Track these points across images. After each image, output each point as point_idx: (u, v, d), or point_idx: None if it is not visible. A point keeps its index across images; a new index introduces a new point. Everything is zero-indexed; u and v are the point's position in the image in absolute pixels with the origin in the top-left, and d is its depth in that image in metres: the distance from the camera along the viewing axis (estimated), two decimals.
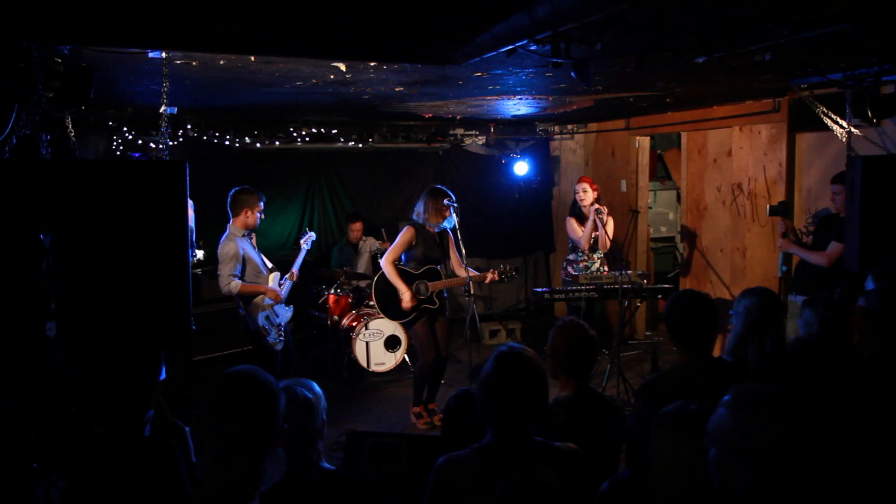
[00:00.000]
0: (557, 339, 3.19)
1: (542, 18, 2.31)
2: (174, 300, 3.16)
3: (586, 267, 6.38)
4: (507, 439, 2.37)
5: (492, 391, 2.38)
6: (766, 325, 3.36)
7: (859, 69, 4.92)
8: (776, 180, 6.45)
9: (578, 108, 7.51)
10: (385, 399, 6.81)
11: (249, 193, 5.58)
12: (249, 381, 1.91)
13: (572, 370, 3.17)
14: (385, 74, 4.80)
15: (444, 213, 5.75)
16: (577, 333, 3.18)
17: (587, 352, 3.18)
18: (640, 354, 8.03)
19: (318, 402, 2.48)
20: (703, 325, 3.08)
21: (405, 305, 5.68)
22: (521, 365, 2.41)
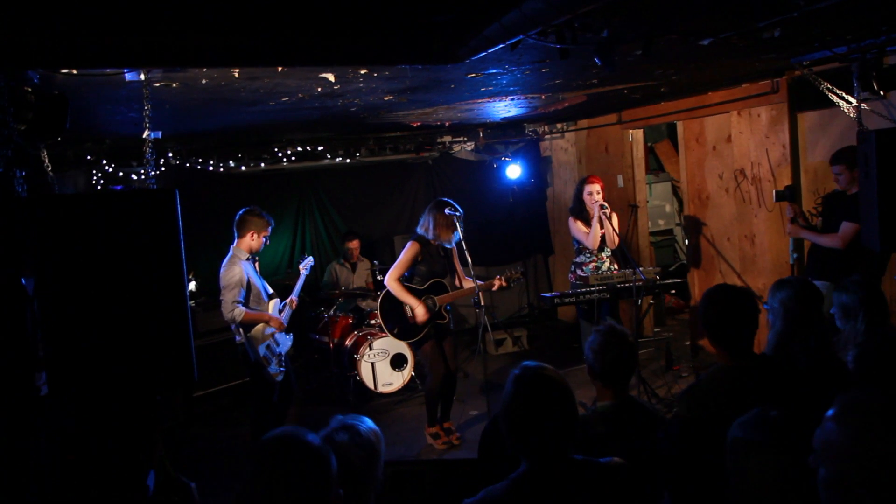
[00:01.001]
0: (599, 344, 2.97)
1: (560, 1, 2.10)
2: (174, 339, 2.92)
3: (597, 267, 6.13)
4: (544, 466, 2.14)
5: (516, 420, 2.16)
6: (807, 320, 3.15)
7: (865, 41, 4.74)
8: (780, 163, 6.26)
9: (570, 106, 7.32)
10: (397, 421, 6.55)
11: (259, 216, 5.35)
12: (294, 448, 1.67)
13: (610, 378, 2.95)
14: (375, 83, 4.58)
15: (452, 227, 5.52)
16: (616, 340, 2.96)
17: (626, 358, 2.96)
18: (652, 352, 7.82)
19: (378, 442, 2.24)
20: (744, 321, 2.86)
21: (420, 319, 5.44)
22: (543, 386, 2.19)
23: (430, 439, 5.76)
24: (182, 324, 2.91)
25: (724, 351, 2.88)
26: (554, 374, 2.24)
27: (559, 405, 2.18)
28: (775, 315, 3.26)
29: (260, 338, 5.21)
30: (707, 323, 2.93)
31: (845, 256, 5.15)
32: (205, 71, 3.57)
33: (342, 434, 2.17)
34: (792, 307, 3.19)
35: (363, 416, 2.29)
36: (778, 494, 1.66)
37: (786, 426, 1.76)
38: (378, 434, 2.26)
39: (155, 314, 2.85)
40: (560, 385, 2.21)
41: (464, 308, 8.84)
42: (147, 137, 3.11)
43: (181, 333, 2.93)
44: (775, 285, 3.28)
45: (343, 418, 2.23)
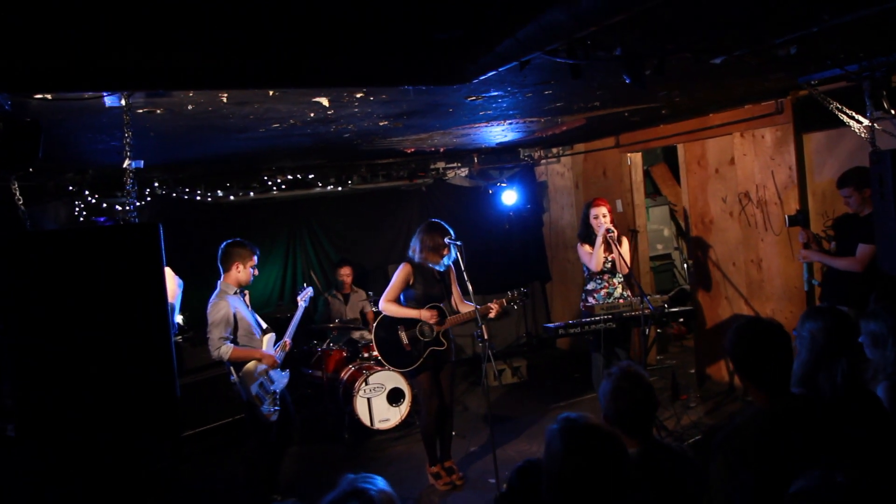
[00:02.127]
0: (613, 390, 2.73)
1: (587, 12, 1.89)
2: (157, 384, 2.66)
3: (609, 294, 5.86)
4: None
5: (571, 484, 1.91)
6: (835, 353, 2.92)
7: (878, 57, 4.59)
8: (787, 185, 6.09)
9: (567, 129, 7.14)
10: (396, 459, 6.25)
11: (241, 246, 5.08)
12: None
13: (629, 426, 2.71)
14: (370, 107, 4.37)
15: (441, 252, 5.29)
16: (629, 384, 2.72)
17: (643, 402, 2.72)
18: (656, 381, 7.58)
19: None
20: (779, 356, 2.63)
21: (430, 321, 5.20)
22: (598, 440, 1.95)
23: (432, 479, 5.48)
24: (166, 368, 2.66)
25: (759, 391, 2.65)
26: (605, 427, 2.01)
27: (614, 470, 1.95)
28: (801, 344, 3.04)
29: (252, 375, 4.93)
30: (740, 361, 2.69)
31: (863, 280, 4.95)
32: (191, 96, 3.35)
33: (353, 502, 1.92)
34: (819, 338, 2.97)
35: (375, 477, 2.03)
36: None
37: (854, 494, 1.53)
38: (393, 498, 2.00)
39: (137, 359, 2.59)
40: (615, 444, 1.99)
41: (461, 337, 8.57)
42: (128, 167, 2.88)
43: (165, 378, 2.67)
44: (807, 314, 3.06)
45: (354, 479, 1.97)
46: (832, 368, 2.93)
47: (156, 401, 2.66)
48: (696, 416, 6.39)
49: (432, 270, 5.37)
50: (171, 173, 7.35)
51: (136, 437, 2.70)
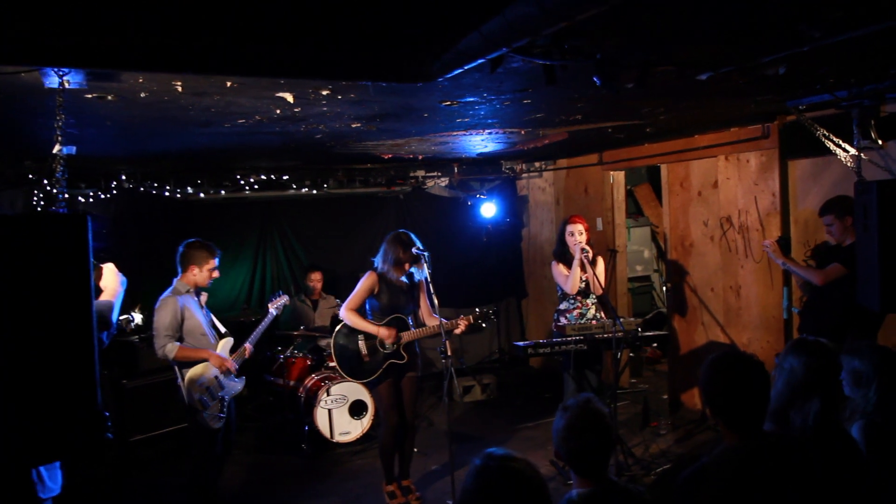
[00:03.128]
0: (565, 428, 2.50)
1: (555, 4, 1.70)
2: (76, 393, 2.43)
3: (581, 314, 5.65)
4: None
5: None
6: (812, 391, 2.75)
7: (867, 85, 4.45)
8: (770, 211, 5.94)
9: (550, 143, 6.97)
10: (353, 475, 6.00)
11: (200, 248, 4.81)
12: None
13: (579, 467, 2.48)
14: (339, 107, 4.16)
15: (403, 266, 5.07)
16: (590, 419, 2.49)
17: (598, 446, 2.47)
18: (628, 405, 7.40)
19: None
20: (754, 395, 2.44)
21: (388, 342, 4.97)
22: (510, 483, 1.75)
23: (387, 498, 5.24)
24: (86, 375, 2.43)
25: (730, 429, 2.45)
26: (524, 467, 1.80)
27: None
28: (780, 375, 2.87)
29: (200, 379, 4.68)
30: (712, 397, 2.49)
31: (842, 312, 4.80)
32: (141, 82, 3.14)
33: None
34: (799, 373, 2.79)
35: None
36: None
37: None
38: None
39: (51, 361, 2.36)
40: (531, 482, 1.77)
41: (431, 351, 8.35)
42: (58, 153, 2.65)
43: (85, 387, 2.44)
44: (791, 347, 2.89)
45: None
46: (806, 406, 2.76)
47: (73, 407, 2.43)
48: (665, 444, 6.20)
49: (400, 281, 5.16)
50: (139, 167, 7.10)
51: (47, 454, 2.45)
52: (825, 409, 2.74)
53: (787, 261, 5.15)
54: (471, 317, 5.18)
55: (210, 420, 4.65)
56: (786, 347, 2.95)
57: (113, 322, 3.09)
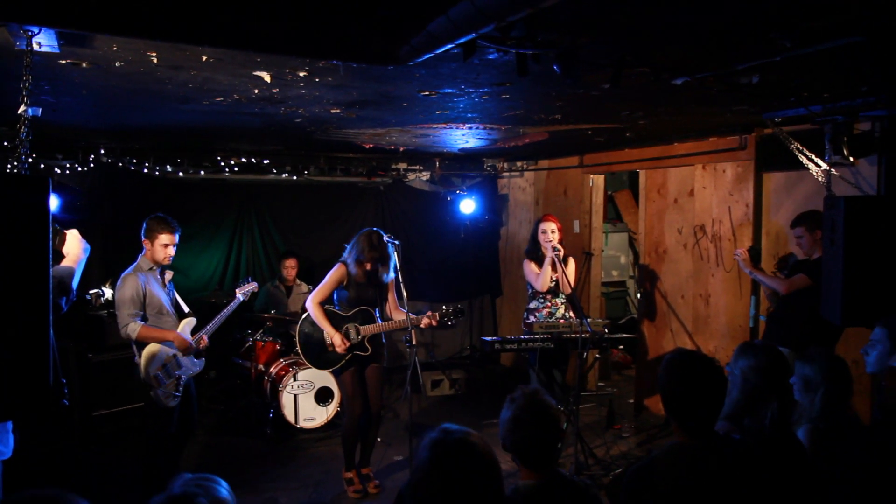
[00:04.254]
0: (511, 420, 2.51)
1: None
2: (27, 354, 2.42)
3: (550, 313, 5.70)
4: None
5: (427, 496, 1.71)
6: (768, 394, 2.79)
7: (841, 101, 4.52)
8: (742, 222, 6.00)
9: (531, 143, 7.00)
10: (314, 461, 6.00)
11: (156, 221, 4.77)
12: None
13: (525, 458, 2.49)
14: (317, 90, 4.17)
15: (365, 266, 5.08)
16: (535, 411, 2.50)
17: (544, 438, 2.48)
18: (593, 408, 7.45)
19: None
20: (708, 395, 2.46)
21: (338, 350, 4.98)
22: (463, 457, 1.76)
23: (345, 485, 5.25)
24: (39, 338, 2.42)
25: (681, 428, 2.48)
26: (479, 442, 1.81)
27: (481, 483, 1.75)
28: (733, 383, 2.90)
29: (156, 356, 4.65)
30: (667, 394, 2.52)
31: (807, 324, 4.87)
32: (115, 50, 3.12)
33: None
34: (752, 378, 2.84)
35: (217, 481, 1.82)
36: None
37: None
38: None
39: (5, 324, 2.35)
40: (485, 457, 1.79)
41: (400, 343, 8.36)
42: (23, 113, 2.64)
43: (38, 350, 2.43)
44: (740, 350, 2.93)
45: (188, 481, 1.75)
46: (762, 410, 2.80)
47: (25, 371, 2.42)
48: (627, 446, 6.25)
49: (362, 278, 5.17)
50: (118, 142, 7.05)
51: None
52: (781, 411, 2.79)
53: (754, 270, 5.23)
54: (437, 314, 5.20)
55: (164, 398, 4.62)
56: (734, 353, 2.99)
57: (73, 288, 3.08)
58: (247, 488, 5.38)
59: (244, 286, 5.59)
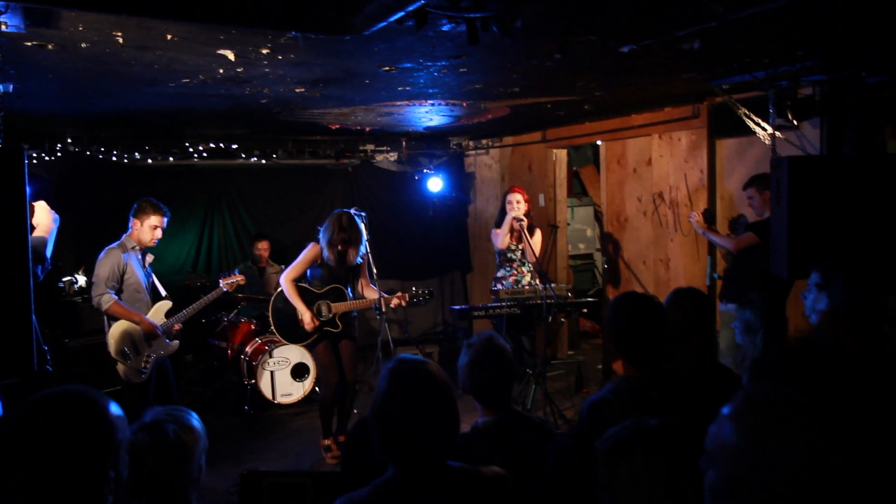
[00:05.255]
0: (469, 364, 2.72)
1: None
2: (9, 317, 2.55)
3: (517, 281, 5.95)
4: (415, 471, 1.89)
5: (388, 419, 1.89)
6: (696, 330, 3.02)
7: (781, 67, 4.75)
8: (698, 188, 6.25)
9: (494, 119, 7.18)
10: (293, 433, 6.18)
11: (146, 204, 4.99)
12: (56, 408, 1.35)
13: (484, 397, 2.70)
14: (281, 69, 4.30)
15: (336, 248, 5.22)
16: (490, 353, 2.70)
17: (500, 375, 2.69)
18: (563, 374, 7.69)
19: (195, 442, 1.93)
20: (651, 330, 2.68)
21: (306, 328, 5.15)
22: (420, 381, 1.93)
23: (323, 452, 5.44)
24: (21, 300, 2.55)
25: (629, 361, 2.71)
26: (435, 369, 1.99)
27: (437, 404, 1.92)
28: None
29: (125, 331, 4.78)
30: (613, 331, 2.74)
31: (759, 281, 5.12)
32: (81, 30, 3.24)
33: (142, 435, 1.87)
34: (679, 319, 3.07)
35: (188, 411, 2.00)
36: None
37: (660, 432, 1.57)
38: (197, 432, 1.96)
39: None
40: (440, 382, 1.96)
41: (374, 321, 8.54)
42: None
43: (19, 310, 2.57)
44: (671, 296, 3.16)
45: (158, 412, 1.93)
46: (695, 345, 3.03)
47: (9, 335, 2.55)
48: None
49: (333, 259, 5.32)
50: (85, 130, 7.12)
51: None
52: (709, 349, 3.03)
53: (707, 230, 5.48)
54: (407, 295, 5.39)
55: (130, 374, 4.75)
56: (666, 300, 3.21)
57: (47, 257, 3.21)
58: (228, 461, 5.53)
59: (229, 277, 5.72)
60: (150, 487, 1.84)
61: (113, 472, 1.36)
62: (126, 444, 1.41)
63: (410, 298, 5.37)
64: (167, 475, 1.83)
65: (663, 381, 2.61)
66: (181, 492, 1.88)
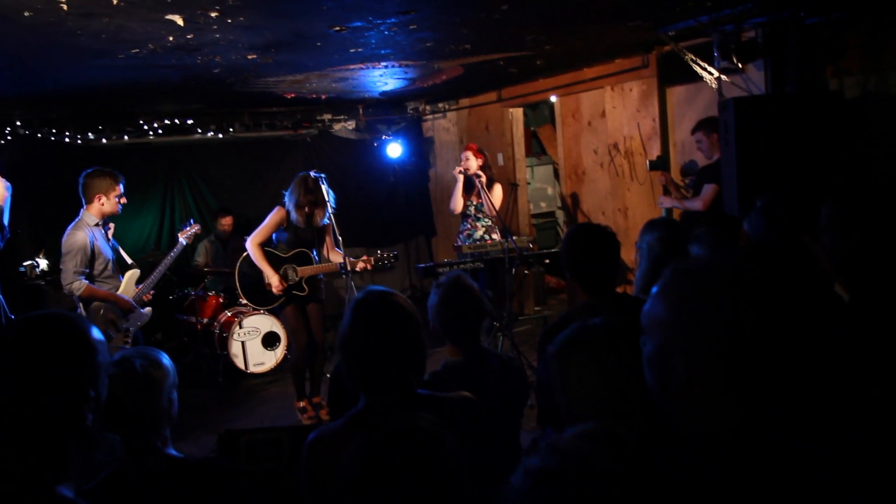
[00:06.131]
0: (438, 302, 2.81)
1: None
2: None
3: (469, 235, 6.09)
4: (384, 400, 1.97)
5: (355, 348, 1.97)
6: (667, 261, 3.14)
7: (725, 9, 4.86)
8: (651, 136, 6.39)
9: (448, 80, 7.22)
10: (267, 400, 6.26)
11: (103, 176, 4.85)
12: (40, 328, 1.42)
13: (455, 335, 2.80)
14: (231, 33, 4.30)
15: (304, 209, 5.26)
16: (459, 292, 2.80)
17: (470, 312, 2.79)
18: (531, 329, 7.84)
19: (163, 377, 2.01)
20: (605, 258, 2.81)
21: (274, 290, 5.20)
22: (385, 309, 2.01)
23: (298, 413, 5.53)
24: None
25: (584, 288, 2.83)
26: (401, 299, 2.07)
27: (403, 332, 2.00)
28: (641, 255, 3.26)
29: (100, 314, 4.79)
30: (569, 261, 2.86)
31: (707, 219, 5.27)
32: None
33: (112, 369, 1.95)
34: (656, 248, 3.19)
35: (158, 350, 2.08)
36: (603, 395, 1.56)
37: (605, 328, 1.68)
38: (165, 367, 2.03)
39: None
40: (406, 311, 2.04)
41: (342, 290, 8.60)
42: None
43: None
44: (645, 227, 3.29)
45: (128, 350, 2.01)
46: None
47: None
48: None
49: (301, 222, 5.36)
50: (35, 111, 7.02)
51: None
52: None
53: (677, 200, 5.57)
54: (372, 259, 5.47)
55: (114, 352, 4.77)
56: (640, 231, 3.34)
57: (4, 225, 3.22)
58: (204, 430, 5.59)
59: (186, 230, 5.68)
60: (120, 418, 1.92)
61: (93, 392, 1.42)
62: (106, 367, 1.47)
63: (376, 262, 5.45)
64: (136, 406, 1.91)
65: (617, 306, 2.73)
66: (151, 423, 1.96)
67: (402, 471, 1.35)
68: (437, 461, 1.38)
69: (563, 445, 0.94)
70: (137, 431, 1.94)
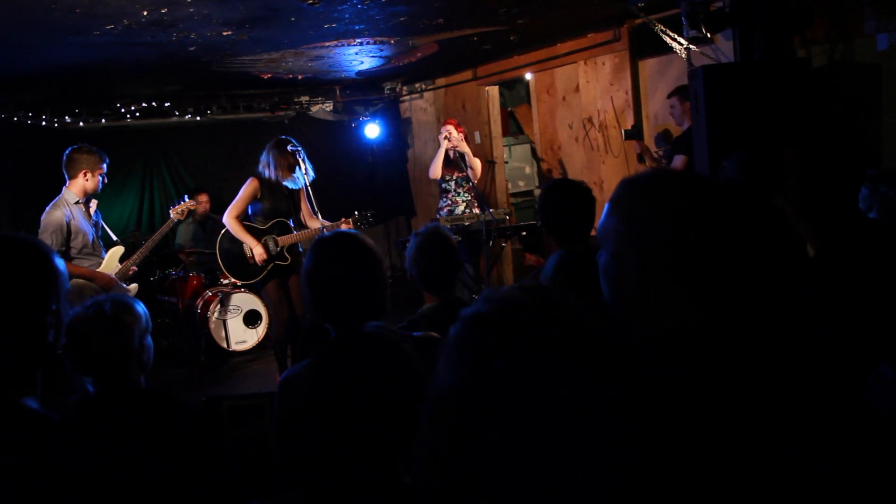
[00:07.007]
0: (415, 250, 2.90)
1: None
2: None
3: (450, 210, 6.19)
4: (351, 332, 2.05)
5: (316, 278, 2.05)
6: None
7: None
8: (624, 109, 6.49)
9: (424, 58, 7.28)
10: (250, 376, 6.33)
11: (90, 153, 4.84)
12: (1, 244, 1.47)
13: (430, 281, 2.89)
14: (206, 7, 4.34)
15: (293, 166, 5.33)
16: (435, 241, 2.89)
17: (445, 259, 2.89)
18: None
19: (134, 321, 2.07)
20: (579, 212, 2.91)
21: (258, 260, 5.25)
22: (346, 245, 2.09)
23: None
24: None
25: (559, 242, 2.92)
26: (363, 238, 2.15)
27: (362, 265, 2.08)
28: None
29: (82, 291, 4.80)
30: (545, 216, 2.95)
31: None
32: None
33: (83, 311, 2.03)
34: None
35: (132, 297, 2.15)
36: None
37: None
38: (136, 312, 2.09)
39: None
40: (365, 246, 2.12)
41: None
42: None
43: None
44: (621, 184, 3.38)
45: (101, 296, 2.08)
46: None
47: None
48: None
49: (281, 186, 5.41)
50: (10, 95, 6.99)
51: None
52: None
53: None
54: (350, 220, 5.52)
55: None
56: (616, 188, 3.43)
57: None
58: None
59: (178, 206, 5.72)
60: (91, 361, 1.98)
61: (55, 305, 1.48)
62: (66, 295, 1.53)
63: (354, 222, 5.52)
64: (106, 348, 1.97)
65: (590, 254, 2.83)
66: (121, 366, 2.01)
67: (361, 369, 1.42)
68: (396, 362, 1.45)
69: (499, 294, 1.01)
70: (108, 373, 2.00)
